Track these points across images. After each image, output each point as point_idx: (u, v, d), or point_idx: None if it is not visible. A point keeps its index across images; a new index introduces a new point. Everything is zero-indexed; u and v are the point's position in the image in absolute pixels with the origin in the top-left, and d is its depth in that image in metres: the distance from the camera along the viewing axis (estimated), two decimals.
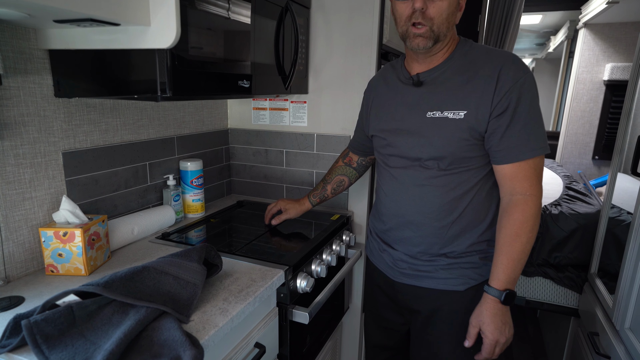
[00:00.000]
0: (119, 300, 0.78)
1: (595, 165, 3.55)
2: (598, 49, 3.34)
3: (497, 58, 0.95)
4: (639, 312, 1.30)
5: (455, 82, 0.97)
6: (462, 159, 0.98)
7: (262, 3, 1.22)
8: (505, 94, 0.91)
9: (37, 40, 0.98)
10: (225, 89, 1.14)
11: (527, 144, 0.92)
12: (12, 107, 0.95)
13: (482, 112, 0.93)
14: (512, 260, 0.94)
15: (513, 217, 0.95)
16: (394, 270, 1.14)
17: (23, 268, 1.01)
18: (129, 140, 1.30)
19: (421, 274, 1.08)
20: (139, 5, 0.83)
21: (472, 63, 0.97)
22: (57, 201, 1.07)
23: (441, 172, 1.00)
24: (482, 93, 0.93)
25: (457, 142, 0.96)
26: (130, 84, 0.97)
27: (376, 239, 1.21)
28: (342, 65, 1.55)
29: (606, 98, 3.39)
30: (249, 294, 0.94)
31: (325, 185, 1.39)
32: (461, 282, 1.05)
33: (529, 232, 0.94)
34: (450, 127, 0.96)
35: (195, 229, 1.40)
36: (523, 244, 0.94)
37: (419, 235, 1.06)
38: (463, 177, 1.00)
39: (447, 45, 0.99)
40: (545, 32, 4.98)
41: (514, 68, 0.92)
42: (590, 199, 2.09)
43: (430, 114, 0.99)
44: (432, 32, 0.92)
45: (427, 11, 0.90)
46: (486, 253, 1.06)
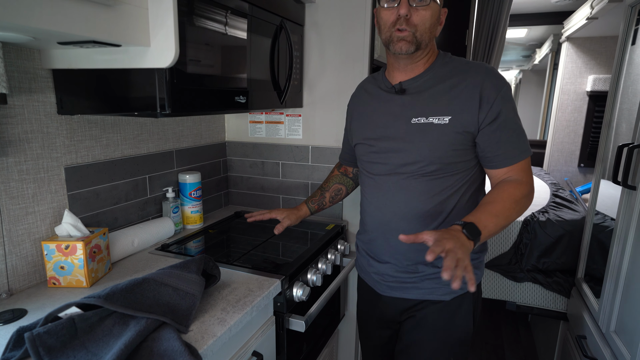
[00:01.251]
0: (120, 311, 0.78)
1: (580, 172, 3.59)
2: (580, 61, 3.41)
3: (477, 68, 0.98)
4: (623, 315, 1.32)
5: (438, 89, 0.99)
6: (448, 164, 0.98)
7: (257, 22, 1.24)
8: (493, 104, 0.94)
9: (41, 61, 0.99)
10: (223, 105, 1.15)
11: (519, 148, 0.96)
12: (17, 124, 0.96)
13: (467, 118, 0.95)
14: (491, 213, 0.89)
15: (506, 186, 0.95)
16: (381, 285, 1.12)
17: (25, 281, 1.02)
18: (129, 154, 1.31)
19: (407, 286, 1.07)
20: (139, 27, 0.85)
21: (453, 72, 1.00)
22: (60, 215, 1.08)
23: (426, 177, 1.00)
24: (466, 100, 0.95)
25: (443, 147, 0.97)
26: (130, 101, 0.99)
27: (364, 255, 1.17)
28: (336, 79, 1.58)
29: (589, 108, 3.45)
30: (247, 304, 0.95)
31: (324, 192, 1.34)
32: (447, 291, 1.04)
33: (514, 204, 0.92)
34: (436, 132, 0.97)
35: (194, 240, 1.40)
36: (506, 208, 0.91)
37: (404, 246, 1.03)
38: (448, 182, 1.00)
39: (427, 55, 1.01)
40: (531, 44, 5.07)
41: (495, 79, 0.96)
42: (576, 205, 2.12)
43: (415, 120, 0.99)
44: (414, 37, 0.94)
45: (411, 18, 0.93)
46: (474, 261, 1.05)
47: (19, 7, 0.62)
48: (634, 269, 1.27)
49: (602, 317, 1.46)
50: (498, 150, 0.96)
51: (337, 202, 1.38)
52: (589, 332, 1.56)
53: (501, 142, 0.95)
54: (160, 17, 0.85)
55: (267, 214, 1.29)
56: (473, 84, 0.96)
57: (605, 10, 2.42)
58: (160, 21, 0.86)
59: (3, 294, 0.96)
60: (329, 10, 1.54)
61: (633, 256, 1.29)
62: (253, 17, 1.22)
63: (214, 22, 1.05)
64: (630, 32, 1.59)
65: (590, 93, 3.40)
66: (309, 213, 1.33)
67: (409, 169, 1.01)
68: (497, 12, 2.46)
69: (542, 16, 3.54)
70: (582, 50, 3.38)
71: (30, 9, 0.63)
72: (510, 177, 0.97)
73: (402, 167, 1.02)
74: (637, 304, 1.21)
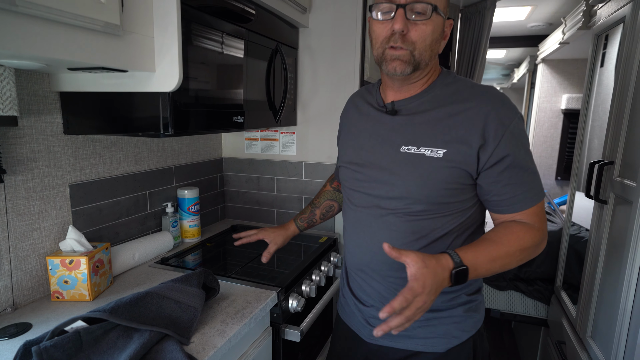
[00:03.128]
0: (124, 324, 0.79)
1: (558, 185, 3.68)
2: (555, 81, 3.52)
3: (484, 95, 0.79)
4: (598, 322, 1.36)
5: (434, 116, 0.81)
6: (438, 204, 0.81)
7: (254, 46, 1.28)
8: (500, 142, 0.76)
9: (50, 84, 1.01)
10: (222, 125, 1.18)
11: (531, 192, 0.79)
12: (25, 144, 0.97)
13: (465, 152, 0.77)
14: (491, 257, 0.74)
15: (517, 228, 0.78)
16: (366, 329, 0.93)
17: (30, 295, 1.01)
18: (131, 171, 1.32)
19: (398, 334, 0.88)
20: (145, 54, 0.87)
21: (454, 96, 0.82)
22: (64, 230, 1.08)
23: (412, 216, 0.83)
24: (467, 132, 0.77)
25: (433, 185, 0.80)
26: (134, 122, 1.00)
27: (348, 293, 0.99)
28: (328, 99, 1.62)
29: (564, 125, 3.56)
30: (245, 315, 0.96)
31: (314, 209, 1.21)
32: (442, 342, 0.86)
33: (519, 252, 0.77)
34: (427, 166, 0.80)
35: (192, 253, 1.41)
36: (509, 254, 0.76)
37: (391, 289, 0.87)
38: (437, 223, 0.82)
39: (427, 75, 0.84)
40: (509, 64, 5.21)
41: (504, 110, 0.77)
42: (554, 217, 2.18)
43: (404, 148, 0.82)
44: (412, 56, 0.77)
45: (408, 34, 0.76)
46: (470, 303, 0.87)
47: (35, 39, 0.64)
48: (607, 278, 1.31)
49: (580, 323, 1.50)
50: (505, 195, 0.79)
51: (329, 219, 1.26)
52: (568, 338, 1.60)
53: (509, 185, 0.78)
54: (166, 45, 0.88)
55: (254, 235, 1.18)
56: (477, 113, 0.77)
57: (575, 36, 2.52)
58: (165, 49, 0.88)
59: (8, 308, 0.95)
60: (322, 35, 1.58)
61: (605, 265, 1.33)
62: (250, 42, 1.25)
63: (214, 48, 1.08)
64: (597, 57, 1.67)
65: (564, 111, 3.52)
66: (298, 232, 1.21)
67: (392, 205, 0.84)
68: (477, 35, 2.54)
69: (519, 39, 3.66)
70: (556, 71, 3.50)
71: (46, 41, 0.65)
72: (521, 219, 0.80)
73: (385, 200, 0.85)
74: (610, 310, 1.25)
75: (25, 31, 0.62)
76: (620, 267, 1.18)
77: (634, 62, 1.21)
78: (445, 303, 0.86)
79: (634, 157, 1.16)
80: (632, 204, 1.12)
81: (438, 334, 0.86)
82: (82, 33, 0.71)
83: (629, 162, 1.20)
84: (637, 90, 1.20)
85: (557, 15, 2.90)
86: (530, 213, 0.79)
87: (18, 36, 0.61)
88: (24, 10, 0.60)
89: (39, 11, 0.62)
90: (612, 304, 1.23)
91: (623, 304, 1.15)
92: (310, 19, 1.59)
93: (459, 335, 0.86)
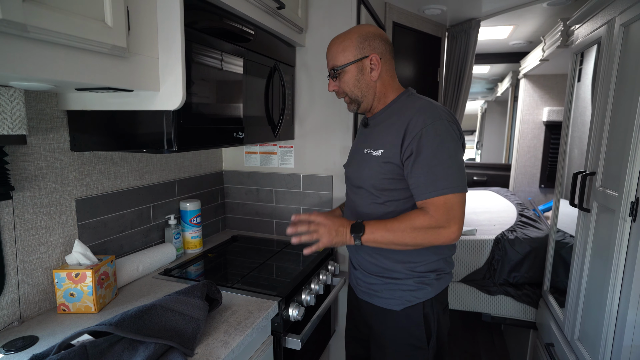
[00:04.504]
0: (129, 337, 0.78)
1: (541, 192, 3.71)
2: (537, 95, 3.58)
3: (412, 108, 1.00)
4: (585, 325, 1.36)
5: (383, 126, 1.05)
6: (381, 190, 1.03)
7: (254, 65, 1.29)
8: (412, 141, 0.95)
9: (58, 103, 1.00)
10: (223, 141, 1.18)
11: (434, 184, 0.93)
12: (33, 162, 0.96)
13: (393, 152, 0.99)
14: (385, 226, 0.95)
15: (413, 212, 0.96)
16: (357, 289, 1.19)
17: (36, 308, 0.99)
18: (135, 185, 1.31)
19: (372, 293, 1.12)
20: (150, 75, 0.87)
21: (399, 110, 1.03)
22: (70, 244, 1.07)
23: (369, 199, 1.06)
24: (394, 136, 0.99)
25: (376, 175, 1.03)
26: (139, 139, 1.00)
27: (349, 260, 1.24)
28: (324, 114, 1.63)
29: (546, 136, 3.60)
30: (247, 326, 0.94)
31: None
32: (398, 302, 1.07)
33: (410, 230, 0.94)
34: (372, 162, 1.03)
35: (195, 263, 1.39)
36: (400, 229, 0.94)
37: (367, 256, 1.10)
38: (389, 208, 1.03)
39: (378, 99, 1.07)
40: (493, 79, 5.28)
41: (421, 118, 0.95)
42: (539, 224, 2.19)
43: (365, 151, 1.07)
44: (351, 99, 1.07)
45: (339, 89, 1.07)
46: (422, 277, 1.06)
47: (45, 63, 0.64)
48: (592, 282, 1.32)
49: (567, 326, 1.49)
50: (412, 184, 0.97)
51: None
52: (556, 340, 1.59)
53: (415, 176, 0.96)
54: (170, 65, 0.88)
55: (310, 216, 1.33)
56: (403, 120, 0.99)
57: (554, 54, 2.57)
58: (170, 69, 0.88)
59: (15, 322, 0.93)
60: (317, 53, 1.60)
61: (591, 270, 1.34)
62: (250, 60, 1.26)
63: (215, 66, 1.09)
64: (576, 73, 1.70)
65: (546, 123, 3.56)
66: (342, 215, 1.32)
67: (359, 192, 1.10)
68: (464, 52, 2.58)
69: (501, 56, 3.72)
70: (537, 85, 3.56)
71: (56, 64, 0.65)
72: (423, 207, 0.96)
73: (355, 189, 1.12)
74: (596, 314, 1.25)
75: (36, 56, 0.62)
76: (605, 272, 1.19)
77: (610, 79, 1.23)
78: (402, 273, 1.06)
79: (615, 168, 1.18)
80: (615, 212, 1.13)
81: (396, 296, 1.07)
82: (90, 56, 0.71)
83: (610, 173, 1.22)
84: (615, 106, 1.22)
85: (537, 34, 2.96)
86: (430, 203, 0.95)
87: (29, 61, 0.61)
88: (35, 36, 0.60)
89: (50, 36, 0.62)
90: (598, 307, 1.23)
91: (609, 308, 1.15)
92: (307, 39, 1.61)
93: (411, 300, 1.06)
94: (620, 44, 1.19)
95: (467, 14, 2.41)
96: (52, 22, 0.61)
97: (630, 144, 1.06)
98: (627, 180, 1.06)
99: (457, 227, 0.94)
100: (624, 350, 1.08)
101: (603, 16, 1.36)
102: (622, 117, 1.16)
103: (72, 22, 0.65)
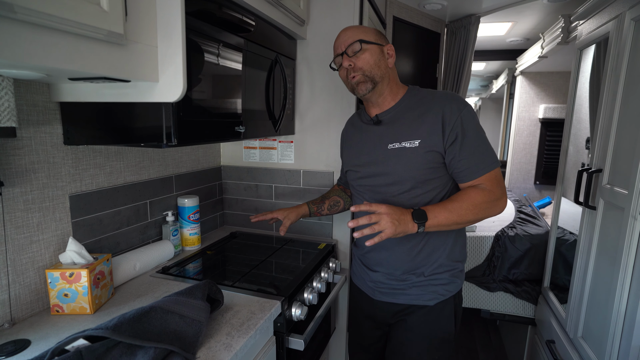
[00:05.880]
0: (127, 342, 0.72)
1: (537, 189, 3.70)
2: (533, 92, 3.55)
3: (440, 97, 1.02)
4: (590, 323, 1.33)
5: (408, 118, 1.03)
6: (423, 181, 1.01)
7: (255, 57, 1.23)
8: (454, 126, 0.96)
9: (50, 94, 0.94)
10: (224, 135, 1.12)
11: (483, 162, 0.97)
12: (24, 155, 0.90)
13: (434, 139, 0.98)
14: (445, 207, 0.93)
15: (469, 190, 0.97)
16: (374, 291, 1.15)
17: (28, 309, 0.93)
18: (132, 181, 1.25)
19: (396, 292, 1.10)
20: (149, 64, 0.81)
21: (420, 102, 1.03)
22: (64, 242, 1.01)
23: (405, 194, 1.02)
24: (432, 124, 0.98)
25: (415, 166, 1.00)
26: (137, 132, 0.94)
27: (358, 263, 1.21)
28: (325, 109, 1.58)
29: (542, 133, 3.58)
30: (250, 327, 0.90)
31: (324, 200, 1.36)
32: (431, 297, 1.07)
33: (472, 206, 0.94)
34: (408, 154, 1.00)
35: (193, 261, 1.34)
36: (462, 207, 0.93)
37: (393, 257, 1.08)
38: (426, 198, 1.02)
39: (390, 87, 1.05)
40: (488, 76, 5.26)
41: (455, 103, 0.98)
42: (538, 221, 2.16)
43: (391, 145, 1.03)
44: (366, 76, 1.00)
45: (355, 65, 1.00)
46: (454, 269, 1.08)
47: (35, 48, 0.58)
48: (597, 280, 1.29)
49: (570, 324, 1.47)
50: (462, 166, 0.98)
51: (334, 213, 1.37)
52: (557, 337, 1.57)
53: (464, 158, 0.97)
54: (169, 54, 0.82)
55: (269, 214, 1.30)
56: (437, 109, 0.99)
57: (554, 51, 2.54)
58: (169, 58, 0.83)
59: (5, 324, 0.87)
60: (318, 46, 1.54)
61: (596, 268, 1.31)
62: (251, 52, 1.20)
63: (216, 58, 1.03)
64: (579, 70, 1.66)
65: (542, 120, 3.54)
66: (308, 213, 1.33)
67: (390, 189, 1.05)
68: (463, 48, 2.53)
69: (498, 53, 3.68)
70: (534, 83, 3.53)
71: (47, 50, 0.59)
72: (477, 184, 0.98)
73: (384, 187, 1.06)
74: (601, 312, 1.23)
75: (25, 39, 0.56)
76: (612, 271, 1.16)
77: (620, 75, 1.20)
78: (435, 269, 1.06)
79: (623, 165, 1.15)
80: (624, 210, 1.09)
81: (428, 291, 1.07)
82: (84, 42, 0.65)
83: (618, 170, 1.18)
84: (624, 102, 1.19)
85: (535, 31, 2.92)
86: (485, 179, 0.97)
87: (17, 45, 0.55)
88: (23, 17, 0.54)
89: (39, 19, 0.56)
90: (605, 305, 1.21)
91: (617, 306, 1.12)
92: (308, 31, 1.55)
93: (444, 294, 1.07)
94: (630, 38, 1.15)
95: (467, 9, 2.36)
96: (42, 3, 0.55)
97: None
98: (639, 177, 1.03)
99: (506, 197, 0.99)
100: (633, 350, 1.05)
101: (610, 11, 1.32)
102: (632, 114, 1.12)
103: (64, 4, 0.59)
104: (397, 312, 1.12)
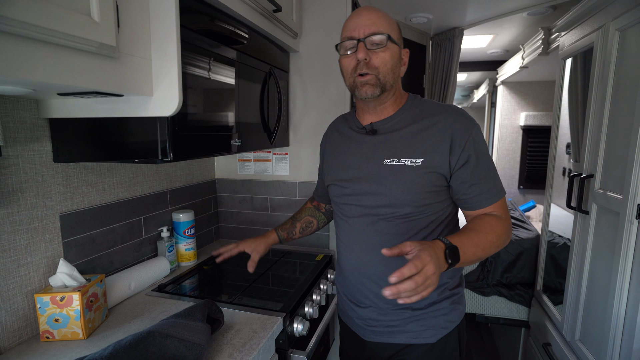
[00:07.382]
0: None
1: (520, 193, 3.73)
2: (514, 101, 3.60)
3: (447, 111, 0.86)
4: (587, 326, 1.30)
5: (409, 131, 0.86)
6: (421, 206, 0.85)
7: (249, 69, 1.19)
8: (465, 147, 0.82)
9: (39, 110, 0.87)
10: (220, 149, 1.07)
11: (496, 187, 0.84)
12: (10, 175, 0.83)
13: (437, 159, 0.82)
14: (473, 242, 0.76)
15: (489, 218, 0.82)
16: (364, 330, 0.95)
17: (16, 337, 0.85)
18: (125, 197, 1.18)
19: (392, 330, 0.91)
20: (142, 78, 0.76)
21: (423, 114, 0.87)
22: (54, 264, 0.93)
23: (400, 219, 0.86)
24: (438, 141, 0.83)
25: (416, 189, 0.83)
26: (130, 148, 0.88)
27: (344, 300, 1.01)
28: (319, 120, 1.54)
29: (524, 139, 3.62)
30: (253, 347, 0.83)
31: (295, 222, 1.18)
32: (433, 333, 0.89)
33: (496, 238, 0.79)
34: (409, 174, 0.83)
35: (189, 277, 1.27)
36: (488, 241, 0.78)
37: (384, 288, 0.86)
38: (423, 223, 0.86)
39: (394, 96, 0.89)
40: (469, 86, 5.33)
41: (465, 121, 0.84)
42: (528, 225, 2.15)
43: (387, 161, 0.86)
44: (378, 80, 0.82)
45: (370, 61, 0.81)
46: (454, 297, 0.91)
47: (20, 61, 0.52)
48: (594, 284, 1.27)
49: (566, 327, 1.44)
50: (473, 192, 0.84)
51: (308, 235, 1.21)
52: (553, 340, 1.54)
53: (476, 184, 0.83)
54: (164, 67, 0.77)
55: (234, 248, 1.12)
56: (444, 126, 0.83)
57: (534, 61, 2.57)
58: (164, 72, 0.78)
59: None
60: (311, 59, 1.51)
61: (591, 272, 1.29)
62: (245, 64, 1.16)
63: (211, 71, 0.98)
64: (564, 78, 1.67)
65: (523, 127, 3.58)
66: (278, 240, 1.17)
67: (382, 212, 0.87)
68: (448, 59, 2.55)
69: (479, 64, 3.73)
70: (514, 92, 3.58)
71: (33, 63, 0.54)
72: (491, 212, 0.85)
73: (376, 209, 0.87)
74: (600, 315, 1.20)
75: (9, 52, 0.50)
76: (609, 274, 1.14)
77: (607, 83, 1.19)
78: (434, 298, 0.89)
79: (615, 170, 1.13)
80: (619, 214, 1.08)
81: (428, 326, 0.89)
82: (74, 55, 0.60)
83: (610, 176, 1.17)
84: (612, 109, 1.18)
85: (515, 42, 2.97)
86: (497, 207, 0.84)
87: (1, 58, 0.50)
88: (7, 28, 0.49)
89: (25, 30, 0.51)
90: (603, 308, 1.18)
91: (616, 310, 1.09)
92: (301, 44, 1.52)
93: (446, 326, 0.90)
94: (616, 48, 1.15)
95: (451, 22, 2.37)
96: (27, 13, 0.50)
97: (635, 147, 1.01)
98: (633, 182, 1.01)
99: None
100: (634, 353, 1.02)
101: (593, 23, 1.32)
102: (622, 120, 1.12)
103: (52, 14, 0.53)
104: (394, 354, 0.92)
